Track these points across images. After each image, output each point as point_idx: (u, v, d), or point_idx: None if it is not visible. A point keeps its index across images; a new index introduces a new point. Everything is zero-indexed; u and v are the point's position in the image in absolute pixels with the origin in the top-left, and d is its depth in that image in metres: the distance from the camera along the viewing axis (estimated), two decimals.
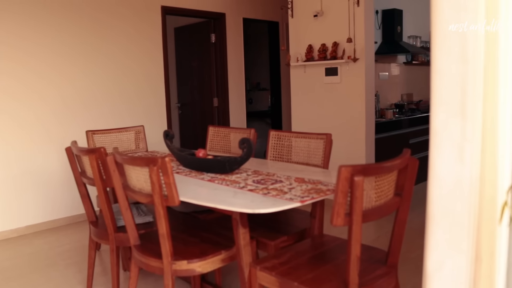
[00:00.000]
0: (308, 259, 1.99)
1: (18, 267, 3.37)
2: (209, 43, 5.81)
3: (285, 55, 6.21)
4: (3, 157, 3.99)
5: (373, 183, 1.65)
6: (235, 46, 5.83)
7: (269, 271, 1.88)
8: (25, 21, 4.04)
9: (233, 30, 5.79)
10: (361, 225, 1.61)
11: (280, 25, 6.44)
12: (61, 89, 4.29)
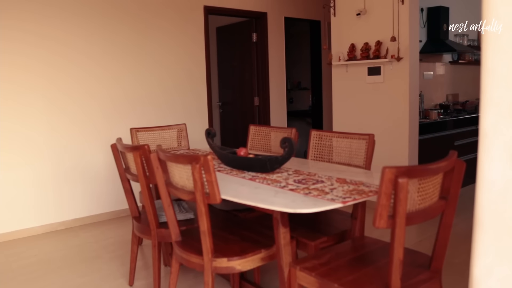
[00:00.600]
0: (349, 261, 1.97)
1: (67, 257, 3.51)
2: (251, 42, 5.84)
3: (327, 54, 6.15)
4: (57, 152, 4.16)
5: (417, 186, 1.61)
6: (276, 45, 5.83)
7: (309, 272, 1.87)
8: (79, 21, 4.20)
9: (275, 29, 5.79)
10: (404, 228, 1.58)
11: (322, 24, 6.39)
12: (109, 87, 4.43)
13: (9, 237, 3.99)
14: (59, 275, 3.19)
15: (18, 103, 3.98)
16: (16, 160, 3.99)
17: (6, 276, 3.21)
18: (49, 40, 4.08)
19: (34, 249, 3.74)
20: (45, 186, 4.14)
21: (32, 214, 4.09)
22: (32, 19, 3.99)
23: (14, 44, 3.92)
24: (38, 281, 3.11)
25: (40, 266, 3.38)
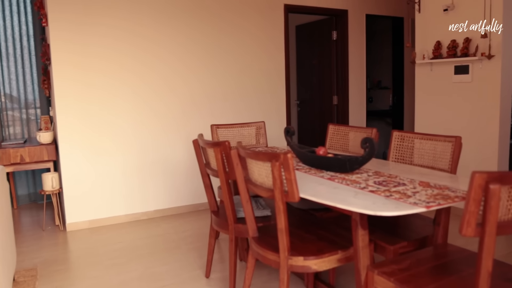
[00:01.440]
0: (430, 269, 1.89)
1: (149, 246, 3.69)
2: (330, 40, 5.77)
3: (410, 52, 5.92)
4: (142, 144, 4.40)
5: (509, 193, 1.51)
6: (356, 43, 5.72)
7: (387, 276, 1.82)
8: (164, 19, 4.40)
9: (355, 27, 5.68)
10: (494, 238, 1.48)
11: (405, 20, 6.16)
12: (190, 84, 4.59)
13: (99, 223, 4.27)
14: (142, 262, 3.36)
15: (112, 94, 4.25)
16: (109, 149, 4.27)
17: (94, 260, 3.44)
18: (138, 37, 4.32)
19: (120, 236, 3.98)
20: (132, 177, 4.39)
21: (120, 203, 4.35)
22: (125, 17, 4.24)
23: (109, 40, 4.20)
24: (123, 266, 3.31)
25: (124, 252, 3.59)
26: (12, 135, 5.21)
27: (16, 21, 5.06)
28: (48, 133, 4.32)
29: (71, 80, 4.10)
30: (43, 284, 3.06)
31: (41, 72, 5.11)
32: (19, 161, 4.17)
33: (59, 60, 4.05)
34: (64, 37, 4.05)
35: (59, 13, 4.01)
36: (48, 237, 4.04)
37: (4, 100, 5.14)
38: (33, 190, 5.32)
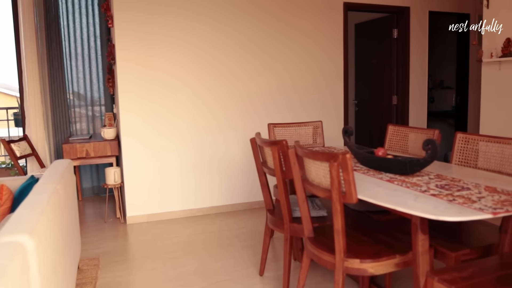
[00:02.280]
0: (495, 279, 1.80)
1: (204, 242, 3.77)
2: (391, 38, 5.62)
3: (476, 51, 5.66)
4: (199, 142, 4.49)
5: None
6: (418, 41, 5.53)
7: (448, 284, 1.75)
8: (223, 19, 4.47)
9: (417, 25, 5.49)
10: None
11: (472, 17, 5.88)
12: (246, 83, 4.63)
13: (156, 217, 4.41)
14: (197, 257, 3.43)
15: (172, 93, 4.37)
16: (167, 146, 4.39)
17: (152, 253, 3.56)
18: (198, 37, 4.41)
19: (176, 231, 4.08)
20: (188, 174, 4.49)
21: (177, 199, 4.47)
22: (186, 17, 4.34)
23: (170, 40, 4.32)
24: (179, 260, 3.39)
25: (180, 246, 3.68)
26: (79, 130, 5.48)
27: (85, 23, 5.32)
28: (112, 130, 4.50)
29: (134, 79, 4.25)
30: (104, 273, 3.20)
31: (106, 71, 5.34)
32: (85, 156, 4.38)
33: (123, 59, 4.21)
34: (128, 37, 4.20)
35: (124, 14, 4.17)
36: (110, 229, 4.21)
37: (72, 98, 5.42)
38: (97, 184, 5.57)
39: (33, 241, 1.49)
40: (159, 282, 3.03)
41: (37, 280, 1.49)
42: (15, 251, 1.33)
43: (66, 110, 5.31)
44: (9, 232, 1.50)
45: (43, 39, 5.11)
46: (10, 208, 2.73)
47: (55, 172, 2.58)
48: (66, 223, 2.36)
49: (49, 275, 1.67)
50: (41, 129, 5.15)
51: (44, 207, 1.83)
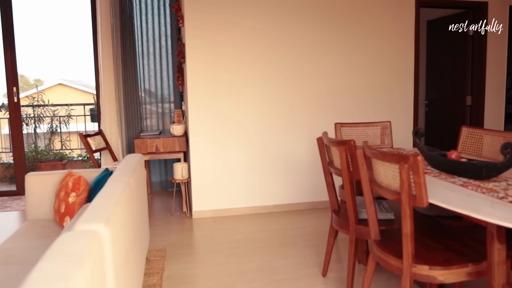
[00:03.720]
0: None
1: (267, 239, 3.79)
2: (466, 36, 5.35)
3: None
4: (264, 140, 4.53)
5: None
6: (497, 38, 5.22)
7: None
8: (289, 17, 4.46)
9: (496, 20, 5.18)
10: None
11: None
12: (313, 81, 4.59)
13: (221, 213, 4.49)
14: (260, 254, 3.46)
15: (238, 92, 4.44)
16: (233, 143, 4.46)
17: (216, 248, 3.63)
18: (264, 36, 4.43)
19: (240, 227, 4.14)
20: (253, 172, 4.53)
21: (241, 196, 4.53)
22: (253, 16, 4.38)
23: (238, 39, 4.38)
24: (242, 256, 3.43)
25: (243, 243, 3.72)
26: (149, 126, 5.71)
27: (156, 23, 5.52)
28: (180, 126, 4.64)
29: (203, 77, 4.35)
30: (170, 264, 3.31)
31: (176, 69, 5.52)
32: (154, 151, 4.55)
33: (193, 58, 4.32)
34: (198, 36, 4.31)
35: (194, 14, 4.28)
36: (176, 222, 4.35)
37: (143, 95, 5.65)
38: (165, 178, 5.77)
39: (108, 230, 1.56)
40: (222, 276, 3.09)
41: (111, 267, 1.57)
42: (92, 239, 1.41)
43: (138, 106, 5.54)
44: (86, 221, 1.59)
45: (118, 39, 5.36)
46: (86, 198, 2.89)
47: (128, 166, 2.70)
48: (137, 215, 2.47)
49: (121, 263, 1.75)
50: (115, 125, 5.41)
51: (118, 198, 1.92)
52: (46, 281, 1.09)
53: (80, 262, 1.21)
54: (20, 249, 2.61)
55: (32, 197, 3.25)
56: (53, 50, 32.24)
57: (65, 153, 7.40)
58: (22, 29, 29.73)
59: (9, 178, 6.67)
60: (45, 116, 7.37)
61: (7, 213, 4.94)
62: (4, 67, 5.50)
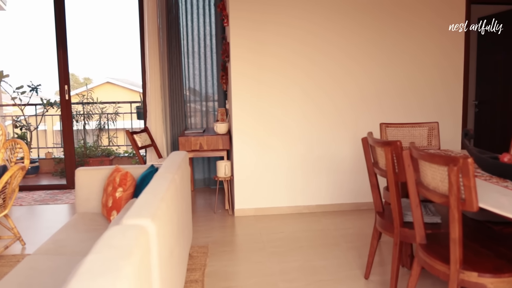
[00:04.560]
0: None
1: (308, 239, 3.77)
2: None
3: None
4: (307, 140, 4.50)
5: None
6: None
7: None
8: (334, 16, 4.41)
9: None
10: None
11: None
12: (358, 80, 4.52)
13: (263, 212, 4.51)
14: (302, 254, 3.45)
15: (282, 92, 4.43)
16: (276, 142, 4.47)
17: (257, 246, 3.64)
18: (308, 35, 4.41)
19: (282, 226, 4.13)
20: (295, 171, 4.52)
21: (283, 195, 4.52)
22: (297, 15, 4.37)
23: (282, 38, 4.38)
24: (283, 255, 3.43)
25: (286, 242, 3.72)
26: (193, 124, 5.80)
27: (201, 23, 5.60)
28: (224, 125, 4.69)
29: (246, 76, 4.38)
30: (212, 261, 3.35)
31: (220, 68, 5.57)
32: (198, 148, 4.62)
33: (237, 57, 4.36)
34: (243, 35, 4.34)
35: (239, 13, 4.31)
36: (218, 219, 4.40)
37: (188, 93, 5.75)
38: (208, 176, 5.84)
39: (154, 225, 1.60)
40: (263, 275, 3.10)
41: (156, 262, 1.61)
42: (139, 233, 1.45)
43: (182, 105, 5.64)
44: (134, 216, 1.63)
45: (164, 39, 5.47)
46: (132, 193, 2.97)
47: (173, 163, 2.76)
48: (181, 211, 2.51)
49: (166, 257, 1.79)
50: (160, 122, 5.53)
51: (164, 195, 1.96)
52: (96, 272, 1.13)
53: (127, 255, 1.24)
54: (70, 241, 2.71)
55: (82, 191, 3.37)
56: (102, 50, 33.36)
57: (112, 149, 7.64)
58: (72, 29, 30.92)
59: (60, 172, 6.95)
60: (94, 113, 7.63)
61: (58, 205, 5.15)
62: (57, 66, 5.73)
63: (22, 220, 4.58)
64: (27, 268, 2.28)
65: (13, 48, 31.17)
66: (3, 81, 7.05)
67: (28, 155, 3.88)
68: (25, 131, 7.21)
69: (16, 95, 7.10)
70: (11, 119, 7.82)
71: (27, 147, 3.92)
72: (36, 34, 36.87)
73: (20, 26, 36.24)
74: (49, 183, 6.47)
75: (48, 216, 4.73)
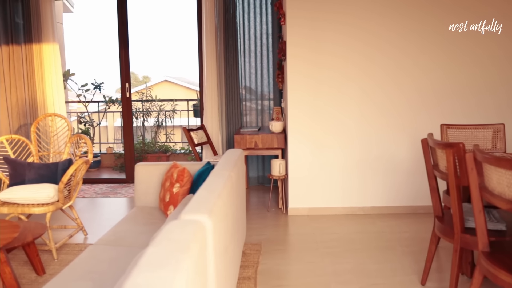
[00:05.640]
0: None
1: (363, 241, 3.70)
2: None
3: None
4: (364, 140, 4.43)
5: None
6: None
7: None
8: (391, 14, 4.30)
9: None
10: None
11: None
12: (417, 80, 4.38)
13: (317, 212, 4.48)
14: (355, 256, 3.39)
15: (339, 90, 4.38)
16: (332, 142, 4.42)
17: (311, 246, 3.62)
18: (365, 32, 4.32)
19: (336, 227, 4.09)
20: (351, 171, 4.45)
21: (338, 195, 4.47)
22: (353, 13, 4.29)
23: (339, 36, 4.33)
24: (337, 256, 3.39)
25: (339, 243, 3.67)
26: (248, 123, 5.85)
27: (258, 22, 5.63)
28: (279, 123, 4.69)
29: (303, 75, 4.36)
30: (265, 259, 3.36)
31: (276, 67, 5.58)
32: (253, 147, 4.65)
33: (294, 55, 4.35)
34: (299, 34, 4.32)
35: (296, 12, 4.29)
36: (272, 218, 4.41)
37: (244, 92, 5.80)
38: (262, 174, 5.88)
39: (211, 221, 1.63)
40: (316, 275, 3.08)
41: (212, 257, 1.64)
42: (197, 228, 1.48)
43: (238, 103, 5.71)
44: (191, 211, 1.67)
45: (221, 38, 5.56)
46: (189, 189, 3.04)
47: (229, 160, 2.80)
48: (236, 208, 2.55)
49: (221, 253, 1.82)
50: (216, 120, 5.62)
51: (220, 192, 2.00)
52: (157, 264, 1.16)
53: (186, 249, 1.27)
54: (129, 233, 2.82)
55: (140, 185, 3.49)
56: (160, 49, 34.36)
57: (169, 145, 7.85)
58: (133, 30, 32.03)
59: (120, 167, 7.23)
60: (152, 111, 7.88)
61: (118, 198, 5.37)
62: (119, 65, 5.97)
63: (84, 211, 4.81)
64: (90, 257, 2.39)
65: (79, 48, 32.79)
66: (70, 79, 7.43)
67: (92, 149, 4.06)
68: (89, 126, 7.57)
69: (81, 92, 7.47)
70: (75, 115, 8.23)
71: (90, 142, 4.11)
72: (100, 34, 38.60)
73: (86, 27, 38.12)
74: (110, 177, 6.75)
75: (108, 208, 4.94)
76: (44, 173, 3.75)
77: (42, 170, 3.76)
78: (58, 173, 3.76)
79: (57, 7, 7.15)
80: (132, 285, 1.05)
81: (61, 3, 9.39)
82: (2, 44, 5.75)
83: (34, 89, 5.83)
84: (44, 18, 5.74)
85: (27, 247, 3.04)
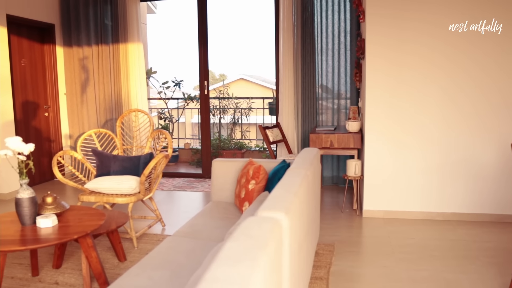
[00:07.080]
0: None
1: (441, 249, 3.54)
2: None
3: None
4: (445, 143, 4.23)
5: None
6: None
7: None
8: (475, 12, 4.05)
9: None
10: None
11: None
12: (500, 82, 4.09)
13: (393, 215, 4.34)
14: (431, 264, 3.25)
15: (419, 91, 4.21)
16: (411, 143, 4.27)
17: (385, 250, 3.52)
18: (447, 32, 4.11)
19: (412, 232, 3.94)
20: (431, 175, 4.27)
21: (416, 199, 4.31)
22: (436, 11, 4.10)
23: (421, 35, 4.16)
24: (412, 263, 3.27)
25: (415, 249, 3.54)
26: (324, 122, 5.79)
27: (336, 19, 5.56)
28: (356, 123, 4.61)
29: (382, 74, 4.24)
30: (338, 260, 3.32)
31: (353, 66, 5.48)
32: (329, 146, 4.61)
33: (373, 54, 4.24)
34: (379, 32, 4.21)
35: (376, 9, 4.18)
36: (345, 219, 4.35)
37: (320, 91, 5.76)
38: (336, 174, 5.80)
39: (287, 219, 1.64)
40: (390, 281, 2.99)
41: (287, 255, 1.65)
42: (274, 225, 1.50)
43: (314, 102, 5.67)
44: (268, 208, 1.69)
45: (299, 36, 5.55)
46: (264, 186, 3.08)
47: (305, 159, 2.79)
48: (311, 207, 2.54)
49: (296, 251, 1.82)
50: (292, 118, 5.63)
51: (297, 190, 2.00)
52: (235, 258, 1.19)
53: (263, 246, 1.29)
54: (205, 226, 2.91)
55: (217, 180, 3.59)
56: (237, 48, 35.02)
57: (244, 142, 7.99)
58: (211, 29, 32.89)
59: (196, 162, 7.47)
60: (229, 108, 8.05)
61: (194, 192, 5.55)
62: (198, 63, 6.16)
63: (162, 204, 5.03)
64: (167, 248, 2.50)
65: (160, 47, 34.26)
66: (152, 77, 7.79)
67: (171, 145, 4.24)
68: (168, 122, 7.89)
69: (162, 89, 7.81)
70: (156, 111, 8.62)
71: (170, 138, 4.28)
72: (181, 34, 40.08)
73: (167, 27, 39.74)
74: (187, 171, 7.00)
75: (184, 202, 5.12)
76: (127, 166, 3.97)
77: (126, 163, 3.98)
78: (140, 166, 3.97)
79: (141, 9, 7.51)
80: (211, 279, 1.08)
81: (145, 4, 9.87)
82: (93, 44, 6.16)
83: (120, 86, 6.18)
84: (130, 19, 6.06)
85: (111, 234, 3.24)
